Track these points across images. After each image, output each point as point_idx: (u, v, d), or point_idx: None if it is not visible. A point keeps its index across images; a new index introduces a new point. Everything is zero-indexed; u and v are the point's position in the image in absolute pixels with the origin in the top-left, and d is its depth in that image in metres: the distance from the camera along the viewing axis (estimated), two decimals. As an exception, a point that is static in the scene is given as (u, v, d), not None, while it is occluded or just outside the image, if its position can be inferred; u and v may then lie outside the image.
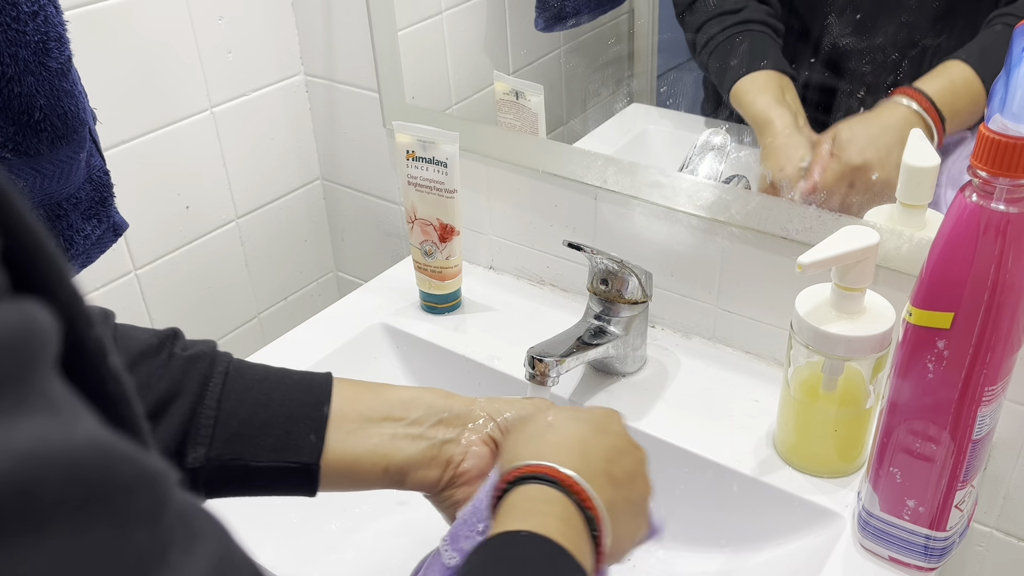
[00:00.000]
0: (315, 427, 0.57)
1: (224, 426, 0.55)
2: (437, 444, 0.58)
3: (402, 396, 0.60)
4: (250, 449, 0.55)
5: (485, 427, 0.60)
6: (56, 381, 0.23)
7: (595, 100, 1.01)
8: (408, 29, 0.97)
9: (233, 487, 0.57)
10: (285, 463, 0.56)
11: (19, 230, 0.24)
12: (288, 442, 0.56)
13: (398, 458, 0.58)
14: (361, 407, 0.58)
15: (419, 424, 0.59)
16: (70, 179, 0.69)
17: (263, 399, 0.57)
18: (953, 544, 0.64)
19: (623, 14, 0.98)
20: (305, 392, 0.58)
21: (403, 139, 0.89)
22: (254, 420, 0.56)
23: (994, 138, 0.50)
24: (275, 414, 0.56)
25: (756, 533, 0.74)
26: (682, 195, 0.83)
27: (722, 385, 0.84)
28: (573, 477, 0.50)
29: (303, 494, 0.58)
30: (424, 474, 0.58)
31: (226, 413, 0.55)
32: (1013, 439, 0.73)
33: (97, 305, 0.57)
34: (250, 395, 0.57)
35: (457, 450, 0.59)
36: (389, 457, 0.58)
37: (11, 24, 0.60)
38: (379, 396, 0.60)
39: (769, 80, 0.84)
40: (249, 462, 0.55)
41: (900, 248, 0.72)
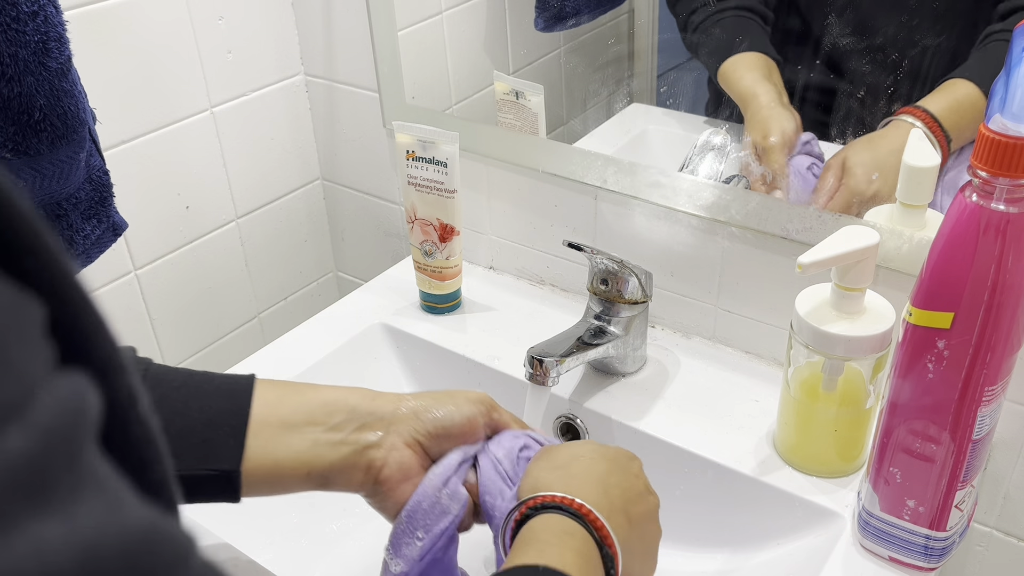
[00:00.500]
0: (234, 433, 0.56)
1: None
2: (359, 449, 0.58)
3: (325, 399, 0.59)
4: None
5: (408, 430, 0.59)
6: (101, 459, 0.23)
7: (595, 100, 1.01)
8: (408, 29, 0.97)
9: None
10: (204, 471, 0.55)
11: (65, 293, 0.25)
12: (207, 450, 0.55)
13: (320, 464, 0.57)
14: (282, 412, 0.58)
15: (340, 429, 0.58)
16: (70, 179, 0.69)
17: (180, 407, 0.56)
18: (953, 544, 0.64)
19: (623, 14, 0.98)
20: (225, 398, 0.57)
21: (403, 139, 0.89)
22: (171, 429, 0.54)
23: (994, 138, 0.50)
24: (193, 422, 0.55)
25: (756, 533, 0.73)
26: (682, 195, 0.83)
27: (722, 385, 0.84)
28: (595, 512, 0.51)
29: (226, 500, 0.57)
30: (347, 478, 0.58)
31: None
32: (1013, 439, 0.73)
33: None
34: (167, 404, 0.56)
35: (379, 454, 0.58)
36: (311, 464, 0.57)
37: (11, 24, 0.60)
38: (301, 399, 0.59)
39: (756, 60, 0.86)
40: None
41: (900, 248, 0.72)
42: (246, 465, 0.55)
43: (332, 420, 0.58)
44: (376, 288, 1.01)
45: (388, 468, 0.58)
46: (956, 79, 0.75)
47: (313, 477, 0.58)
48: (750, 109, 0.84)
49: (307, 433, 0.57)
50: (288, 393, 0.59)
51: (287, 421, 0.57)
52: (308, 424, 0.58)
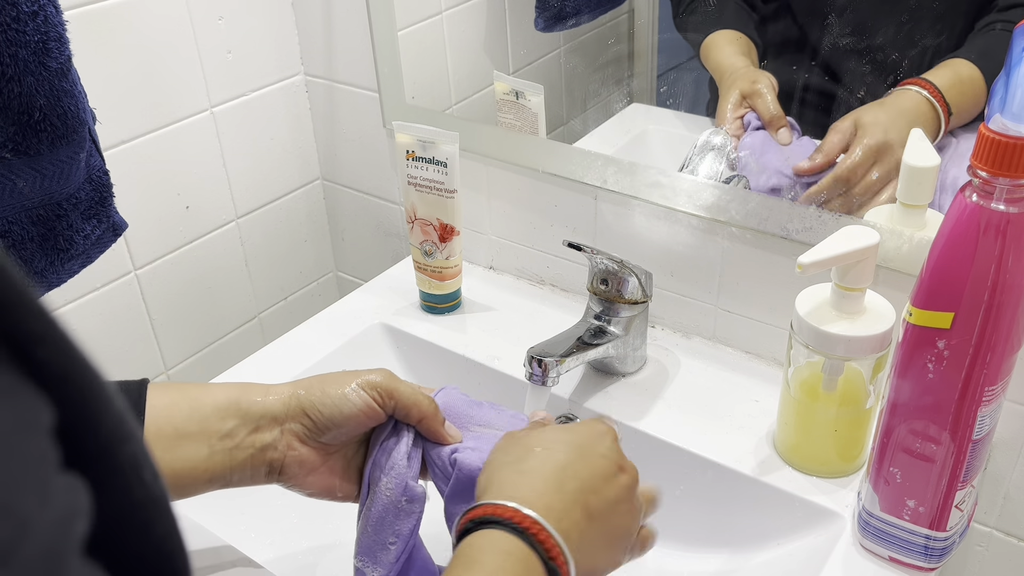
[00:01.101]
0: None
1: None
2: (256, 452, 0.59)
3: (217, 402, 0.59)
4: None
5: (300, 428, 0.59)
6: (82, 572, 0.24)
7: (595, 100, 1.01)
8: (408, 29, 0.97)
9: None
10: None
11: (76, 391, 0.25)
12: None
13: (219, 470, 0.58)
14: (176, 421, 0.57)
15: (234, 435, 0.58)
16: (70, 179, 0.69)
17: None
18: (953, 544, 0.64)
19: (623, 14, 0.98)
20: None
21: (403, 139, 0.89)
22: None
23: (994, 138, 0.50)
24: None
25: (756, 533, 0.73)
26: (682, 195, 0.83)
27: (722, 385, 0.83)
28: (540, 523, 0.48)
29: None
30: (250, 477, 0.59)
31: None
32: (1013, 439, 0.73)
33: None
34: None
35: (276, 455, 0.59)
36: (210, 471, 0.58)
37: (11, 24, 0.60)
38: (194, 404, 0.58)
39: (734, 36, 0.87)
40: None
41: (900, 248, 0.72)
42: None
43: (225, 426, 0.58)
44: (376, 288, 1.01)
45: (288, 467, 0.59)
46: (955, 59, 0.76)
47: (215, 481, 0.58)
48: (727, 76, 0.86)
49: (202, 442, 0.57)
50: (179, 399, 0.59)
51: (181, 431, 0.57)
52: (202, 433, 0.58)
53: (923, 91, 0.75)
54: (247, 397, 0.59)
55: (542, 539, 0.48)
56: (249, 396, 0.59)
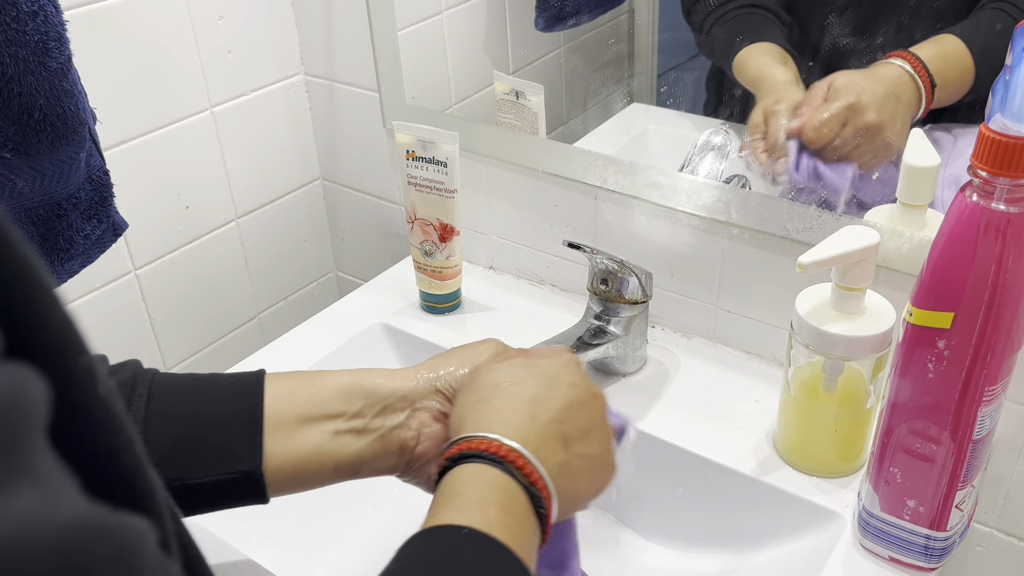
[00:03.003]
0: (250, 433, 0.54)
1: (154, 447, 0.52)
2: (385, 433, 0.56)
3: (339, 386, 0.56)
4: (187, 467, 0.53)
5: (433, 404, 0.57)
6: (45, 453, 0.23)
7: (595, 100, 1.01)
8: (408, 29, 0.97)
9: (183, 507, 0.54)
10: (226, 475, 0.53)
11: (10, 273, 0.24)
12: (225, 453, 0.53)
13: (346, 455, 0.55)
14: (297, 406, 0.55)
15: (362, 416, 0.56)
16: (70, 179, 0.69)
17: (192, 413, 0.54)
18: (953, 544, 0.64)
19: (623, 14, 0.98)
20: (235, 398, 0.55)
21: (403, 139, 0.89)
22: (185, 436, 0.53)
23: (994, 138, 0.50)
24: (207, 426, 0.54)
25: (756, 533, 0.73)
26: (682, 195, 0.83)
27: (722, 385, 0.83)
28: (518, 450, 0.47)
29: (254, 503, 0.56)
30: (379, 465, 0.56)
31: (154, 435, 0.53)
32: (1013, 439, 0.73)
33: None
34: (178, 411, 0.54)
35: (409, 435, 0.56)
36: (336, 455, 0.55)
37: (11, 24, 0.60)
38: (315, 388, 0.56)
39: (772, 49, 0.85)
40: (188, 480, 0.53)
41: (900, 248, 0.72)
42: (268, 465, 0.54)
43: (351, 408, 0.56)
44: (376, 288, 1.01)
45: (422, 445, 0.56)
46: (944, 34, 0.76)
47: (341, 469, 0.56)
48: (764, 85, 0.84)
49: (327, 426, 0.55)
50: (300, 385, 0.56)
51: (304, 415, 0.55)
52: (326, 417, 0.55)
53: (905, 63, 0.75)
54: (370, 379, 0.57)
55: (522, 467, 0.47)
56: (372, 378, 0.57)
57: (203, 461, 0.53)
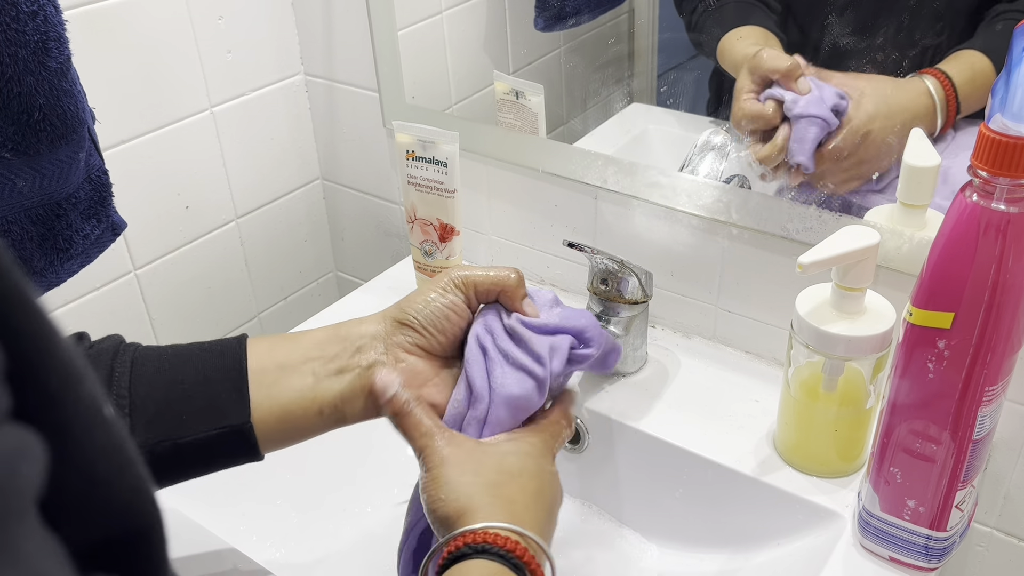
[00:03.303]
0: (236, 387, 0.56)
1: (141, 411, 0.54)
2: (363, 371, 0.58)
3: (316, 337, 0.59)
4: (175, 427, 0.54)
5: (403, 339, 0.59)
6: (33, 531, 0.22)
7: (595, 100, 1.01)
8: (408, 29, 0.97)
9: (171, 471, 0.55)
10: (215, 431, 0.55)
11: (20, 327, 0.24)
12: (212, 409, 0.55)
13: (328, 396, 0.57)
14: (277, 357, 0.57)
15: (339, 358, 0.58)
16: (69, 179, 0.69)
17: (176, 375, 0.55)
18: (953, 544, 0.64)
19: (623, 14, 0.98)
20: (218, 356, 0.57)
21: (403, 139, 0.89)
22: (171, 397, 0.54)
23: (994, 138, 0.50)
24: (192, 385, 0.55)
25: (756, 533, 0.73)
26: (682, 195, 0.83)
27: (722, 385, 0.83)
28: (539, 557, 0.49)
29: (248, 459, 0.57)
30: (363, 404, 0.58)
31: (140, 398, 0.54)
32: (1013, 439, 0.73)
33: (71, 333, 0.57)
34: (162, 375, 0.55)
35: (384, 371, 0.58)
36: (319, 398, 0.57)
37: (10, 24, 0.60)
38: (294, 342, 0.59)
39: (756, 31, 0.84)
40: (177, 440, 0.54)
41: (900, 248, 0.72)
42: (255, 416, 0.55)
43: (328, 352, 0.58)
44: (376, 288, 1.01)
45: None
46: (966, 50, 0.75)
47: (326, 413, 0.57)
48: (740, 65, 0.82)
49: (306, 370, 0.57)
50: (279, 341, 0.59)
51: (284, 364, 0.57)
52: (305, 363, 0.57)
53: (937, 83, 0.74)
54: (343, 326, 0.60)
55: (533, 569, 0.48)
56: (345, 325, 0.60)
57: (191, 419, 0.54)
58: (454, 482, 0.52)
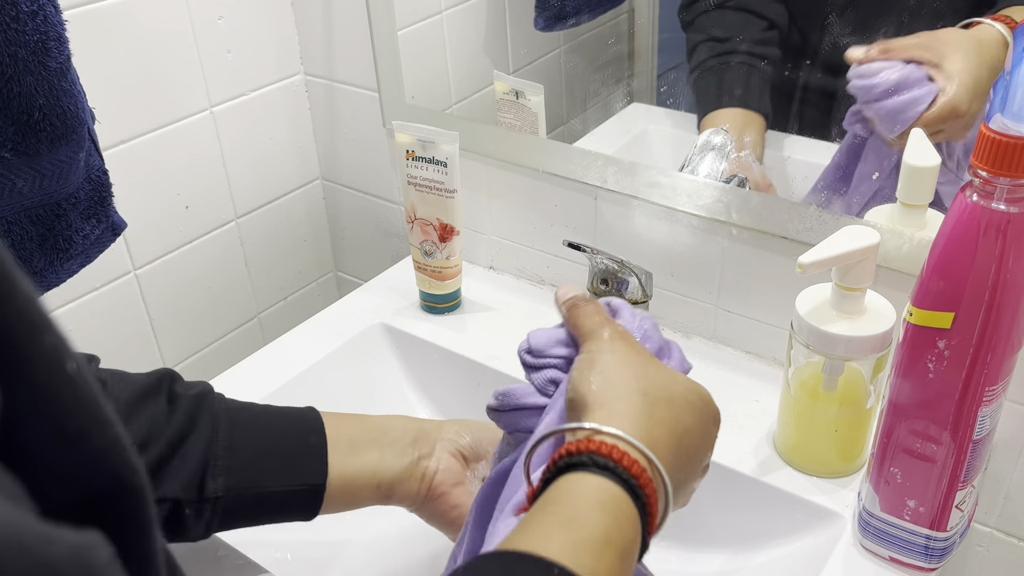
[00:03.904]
0: (317, 451, 0.62)
1: (239, 455, 0.59)
2: (416, 459, 0.65)
3: (379, 421, 0.66)
4: (263, 476, 0.60)
5: (451, 443, 0.66)
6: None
7: (595, 100, 1.01)
8: (408, 29, 0.97)
9: (246, 515, 0.61)
10: (294, 487, 0.61)
11: None
12: (295, 467, 0.61)
13: (388, 474, 0.64)
14: (348, 432, 0.64)
15: (399, 443, 0.65)
16: (69, 179, 0.69)
17: (267, 430, 0.62)
18: (954, 544, 0.64)
19: (623, 13, 0.98)
20: (298, 421, 0.63)
21: (403, 139, 0.89)
22: (262, 449, 0.60)
23: (995, 138, 0.50)
24: (279, 443, 0.61)
25: (756, 533, 0.73)
26: (682, 195, 0.83)
27: (722, 385, 0.83)
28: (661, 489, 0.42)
29: (302, 518, 0.63)
30: (407, 488, 0.64)
31: (239, 443, 0.60)
32: (1013, 439, 0.73)
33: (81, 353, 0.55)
34: (256, 426, 0.61)
35: (431, 464, 0.65)
36: (380, 474, 0.63)
37: (10, 24, 0.60)
38: (360, 422, 0.66)
39: (735, 117, 0.86)
40: (262, 488, 0.60)
41: (900, 248, 0.72)
42: (328, 480, 0.61)
43: (390, 436, 0.65)
44: (376, 288, 1.01)
45: (439, 474, 0.65)
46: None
47: (382, 488, 0.64)
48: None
49: (373, 448, 0.64)
50: (347, 419, 0.66)
51: (354, 439, 0.64)
52: (372, 442, 0.64)
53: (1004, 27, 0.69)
54: (403, 419, 0.67)
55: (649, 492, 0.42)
56: (404, 418, 0.68)
57: (276, 472, 0.60)
58: (609, 371, 0.46)
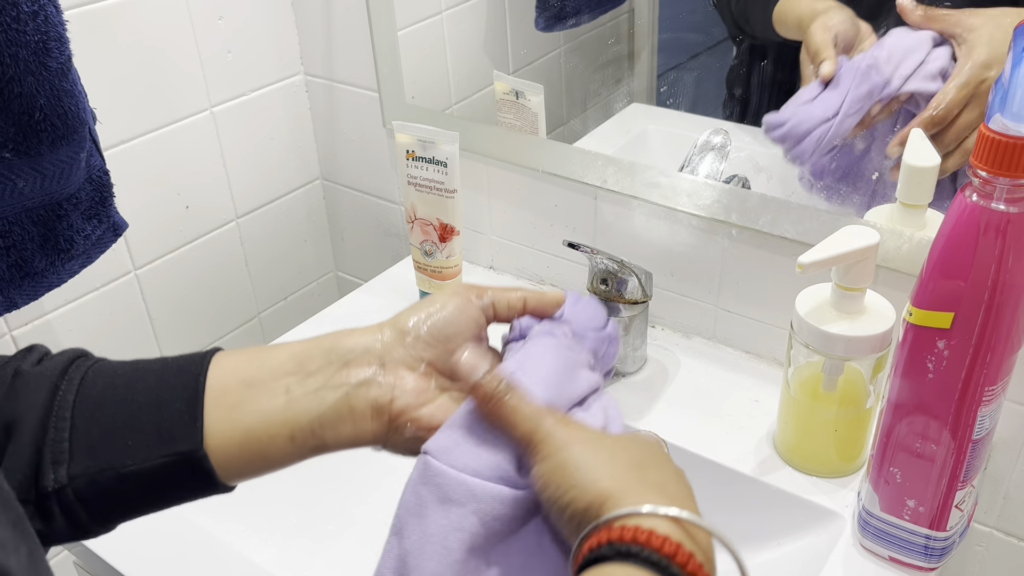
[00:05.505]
0: (188, 409, 0.47)
1: (83, 436, 0.46)
2: (351, 392, 0.48)
3: (295, 350, 0.49)
4: (118, 454, 0.46)
5: (404, 353, 0.49)
6: None
7: (595, 100, 1.01)
8: (408, 29, 0.97)
9: (119, 505, 0.47)
10: (160, 459, 0.46)
11: None
12: (160, 435, 0.46)
13: (303, 420, 0.47)
14: (245, 373, 0.48)
15: (320, 374, 0.48)
16: (70, 179, 0.69)
17: (126, 395, 0.47)
18: (953, 544, 0.64)
19: (623, 14, 0.98)
20: (176, 374, 0.48)
21: (403, 139, 0.89)
22: (116, 421, 0.46)
23: (994, 138, 0.50)
24: (140, 407, 0.47)
25: (756, 533, 0.73)
26: (682, 195, 0.83)
27: (722, 385, 0.83)
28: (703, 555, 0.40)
29: (208, 492, 0.48)
30: (349, 430, 0.48)
31: (83, 421, 0.47)
32: (1013, 439, 0.73)
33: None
34: (111, 395, 0.47)
35: (380, 392, 0.48)
36: (291, 422, 0.47)
37: (11, 24, 0.60)
38: (267, 356, 0.49)
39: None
40: (120, 469, 0.46)
41: (900, 248, 0.72)
42: (210, 442, 0.46)
43: (310, 367, 0.48)
44: (376, 288, 1.01)
45: (400, 400, 0.48)
46: None
47: (300, 439, 0.48)
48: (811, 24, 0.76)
49: (277, 388, 0.47)
50: (252, 355, 0.49)
51: (251, 381, 0.48)
52: (277, 378, 0.48)
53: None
54: (330, 337, 0.50)
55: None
56: (330, 337, 0.50)
57: (136, 446, 0.46)
58: (588, 464, 0.43)
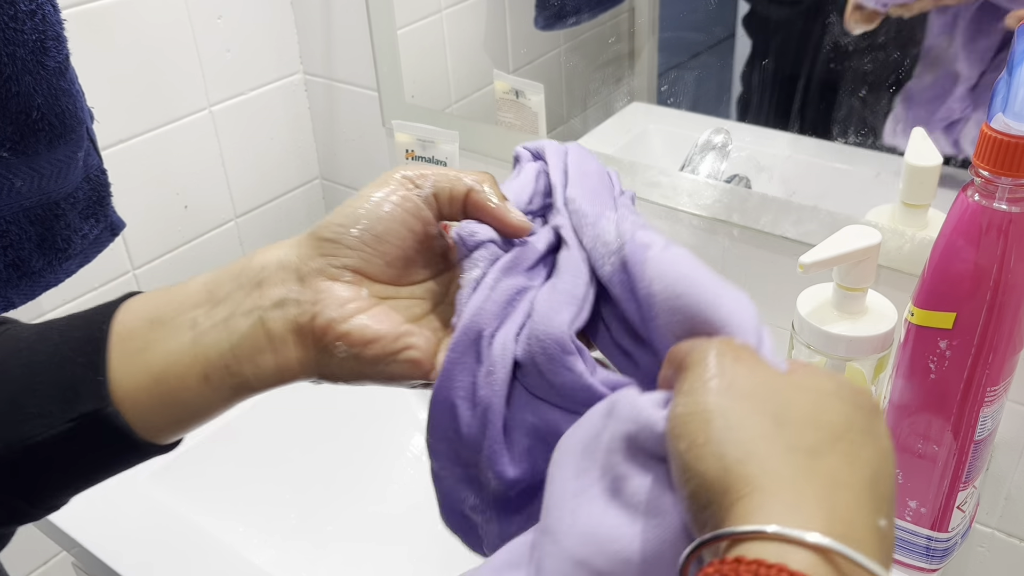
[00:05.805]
0: (91, 364, 0.40)
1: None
2: (268, 312, 0.40)
3: (203, 279, 0.42)
4: (21, 426, 0.39)
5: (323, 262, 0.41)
6: None
7: (595, 99, 1.01)
8: (408, 28, 0.97)
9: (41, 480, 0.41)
10: (66, 424, 0.39)
11: None
12: (64, 397, 0.39)
13: (213, 356, 0.40)
14: (152, 312, 0.41)
15: (229, 300, 0.40)
16: (68, 178, 0.69)
17: (29, 358, 0.41)
18: (955, 545, 0.64)
19: (623, 12, 0.98)
20: (82, 326, 0.41)
21: (402, 138, 0.89)
22: (19, 388, 0.40)
23: (996, 137, 0.50)
24: (42, 368, 0.40)
25: (757, 534, 0.73)
26: (683, 194, 0.82)
27: (723, 385, 0.83)
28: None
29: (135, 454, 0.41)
30: (271, 361, 0.40)
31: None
32: (1015, 440, 0.73)
33: None
34: (15, 360, 0.41)
35: (301, 311, 0.40)
36: (201, 359, 0.40)
37: (9, 23, 0.59)
38: (176, 290, 0.42)
39: None
40: (27, 441, 0.39)
41: (902, 248, 0.72)
42: (119, 396, 0.39)
43: (216, 295, 0.41)
44: (376, 288, 1.01)
45: (323, 315, 0.40)
46: None
47: (215, 379, 0.40)
48: None
49: (182, 323, 0.40)
50: (162, 291, 0.42)
51: (156, 319, 0.40)
52: (183, 312, 0.40)
53: None
54: (239, 263, 0.43)
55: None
56: (240, 261, 0.43)
57: (41, 413, 0.39)
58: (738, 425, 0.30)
